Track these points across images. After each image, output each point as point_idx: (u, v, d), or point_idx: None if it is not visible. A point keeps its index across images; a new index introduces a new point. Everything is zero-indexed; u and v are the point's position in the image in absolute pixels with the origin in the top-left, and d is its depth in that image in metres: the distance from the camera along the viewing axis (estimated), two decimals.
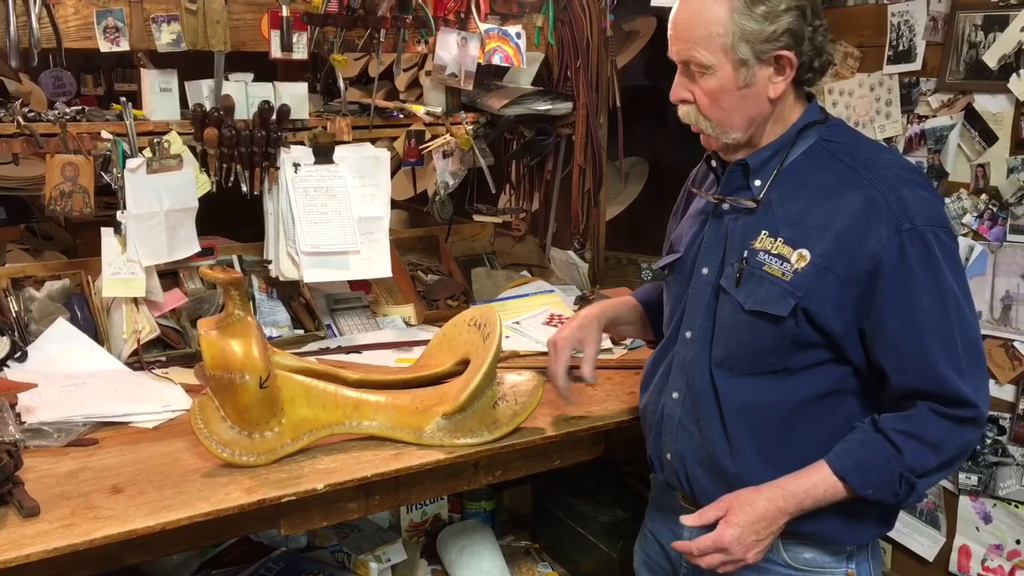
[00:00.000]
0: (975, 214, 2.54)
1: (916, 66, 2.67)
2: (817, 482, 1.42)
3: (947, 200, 2.58)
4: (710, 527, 1.46)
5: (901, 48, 2.70)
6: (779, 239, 1.44)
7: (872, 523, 1.50)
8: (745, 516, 1.43)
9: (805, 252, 1.40)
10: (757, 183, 1.48)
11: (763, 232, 1.46)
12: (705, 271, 1.54)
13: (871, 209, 1.37)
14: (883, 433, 1.40)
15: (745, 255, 1.47)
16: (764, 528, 1.43)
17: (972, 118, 2.53)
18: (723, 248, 1.52)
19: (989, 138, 2.51)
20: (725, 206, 1.52)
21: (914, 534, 2.81)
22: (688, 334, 1.56)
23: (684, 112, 1.49)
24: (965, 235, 2.56)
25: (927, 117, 2.65)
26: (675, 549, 1.54)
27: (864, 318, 1.40)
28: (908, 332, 1.37)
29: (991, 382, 2.55)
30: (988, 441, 2.57)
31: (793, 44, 1.39)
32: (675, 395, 1.57)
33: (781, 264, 1.42)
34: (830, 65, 1.50)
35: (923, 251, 1.35)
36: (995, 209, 2.50)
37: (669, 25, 1.46)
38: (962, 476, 2.62)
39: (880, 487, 1.40)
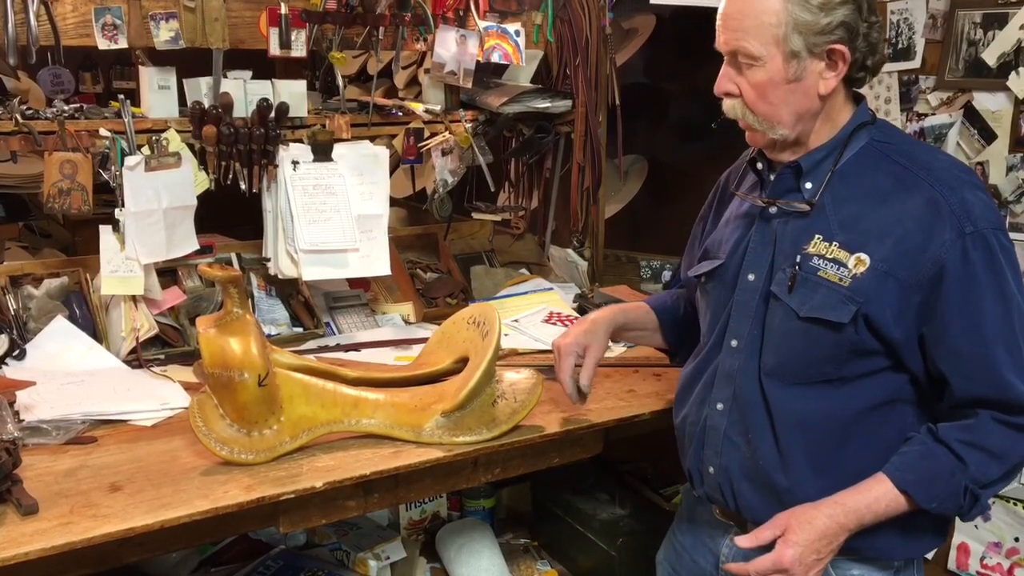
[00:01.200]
0: None
1: (915, 64, 2.67)
2: (879, 496, 1.37)
3: None
4: (765, 548, 1.40)
5: (900, 46, 2.70)
6: (834, 243, 1.40)
7: (927, 536, 1.47)
8: (805, 535, 1.37)
9: (864, 256, 1.37)
10: (809, 185, 1.44)
11: (817, 236, 1.41)
12: (751, 277, 1.49)
13: (933, 212, 1.34)
14: (945, 444, 1.36)
15: (798, 260, 1.42)
16: (825, 547, 1.38)
17: (971, 116, 2.53)
18: (772, 253, 1.47)
19: (988, 136, 2.51)
20: (773, 209, 1.47)
21: None
22: (734, 343, 1.50)
23: (729, 106, 1.45)
24: None
25: (926, 115, 2.65)
26: (728, 571, 1.49)
27: (925, 324, 1.36)
28: (972, 337, 1.34)
29: None
30: None
31: (848, 39, 1.36)
32: (719, 406, 1.52)
33: (838, 269, 1.38)
34: (882, 65, 1.45)
35: (986, 255, 1.33)
36: None
37: (718, 16, 1.42)
38: None
39: (944, 500, 1.36)
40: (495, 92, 2.52)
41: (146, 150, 2.02)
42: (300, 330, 2.27)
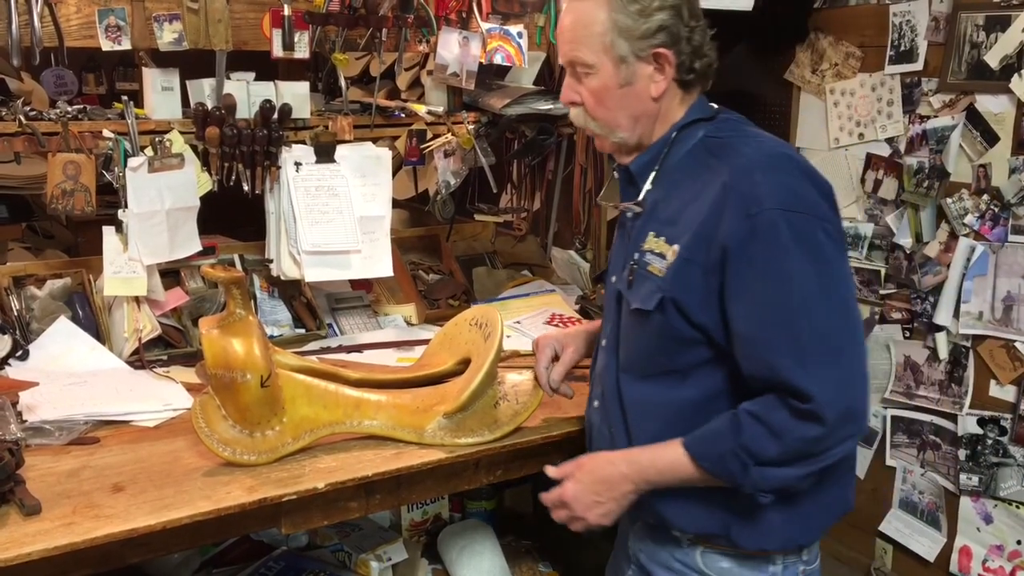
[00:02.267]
0: (976, 215, 2.54)
1: (918, 66, 2.67)
2: (664, 453, 1.42)
3: (948, 200, 2.58)
4: None
5: (903, 48, 2.69)
6: (661, 238, 1.45)
7: (788, 528, 1.45)
8: (589, 476, 1.48)
9: (676, 247, 1.41)
10: (647, 186, 1.51)
11: (651, 233, 1.47)
12: (614, 279, 1.57)
13: (723, 196, 1.37)
14: (735, 412, 1.38)
15: (635, 257, 1.49)
16: (605, 491, 1.46)
17: (974, 118, 2.53)
18: (625, 254, 1.54)
19: (991, 138, 2.51)
20: (629, 213, 1.55)
21: (915, 535, 2.81)
22: (603, 342, 1.60)
23: (574, 115, 1.53)
24: (966, 235, 2.56)
25: (929, 117, 2.65)
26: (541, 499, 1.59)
27: (724, 307, 1.39)
28: (748, 319, 1.35)
29: (992, 382, 2.55)
30: (989, 442, 2.57)
31: (670, 42, 1.43)
32: (596, 403, 1.62)
33: (660, 261, 1.43)
34: (712, 68, 1.49)
35: (771, 236, 1.32)
36: (996, 210, 2.50)
37: (556, 32, 1.52)
38: (963, 477, 2.62)
39: (716, 461, 1.37)
40: (497, 94, 2.53)
41: (149, 151, 2.02)
42: (302, 331, 2.28)
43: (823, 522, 1.48)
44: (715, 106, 1.53)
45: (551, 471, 1.55)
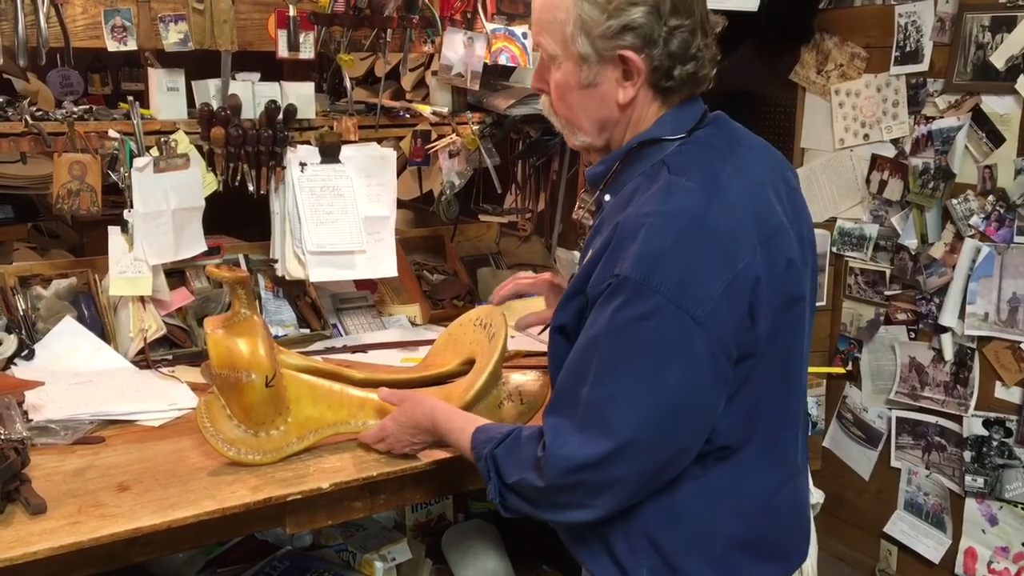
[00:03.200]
0: (982, 215, 2.53)
1: (923, 67, 2.66)
2: (464, 428, 1.44)
3: (954, 201, 2.58)
4: None
5: (908, 49, 2.69)
6: (588, 254, 1.32)
7: None
8: (404, 417, 1.56)
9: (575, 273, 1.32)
10: (603, 197, 1.35)
11: (590, 247, 1.32)
12: None
13: (610, 240, 1.21)
14: (524, 427, 1.34)
15: (574, 271, 1.41)
16: (416, 434, 1.55)
17: (979, 119, 2.53)
18: None
19: (996, 139, 2.50)
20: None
21: (920, 536, 2.81)
22: None
23: (543, 103, 1.37)
24: (972, 236, 2.56)
25: (934, 118, 2.65)
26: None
27: None
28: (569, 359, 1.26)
29: (997, 384, 2.55)
30: (995, 443, 2.56)
31: (640, 46, 1.21)
32: None
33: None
34: (700, 75, 1.27)
35: (611, 300, 1.17)
36: (1002, 211, 2.50)
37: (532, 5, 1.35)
38: (968, 478, 2.61)
39: (477, 457, 1.38)
40: (502, 94, 2.53)
41: (155, 151, 2.02)
42: (307, 331, 2.28)
43: None
44: (708, 115, 1.32)
45: (382, 393, 1.63)
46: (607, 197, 1.33)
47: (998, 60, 2.46)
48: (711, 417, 1.21)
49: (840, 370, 2.99)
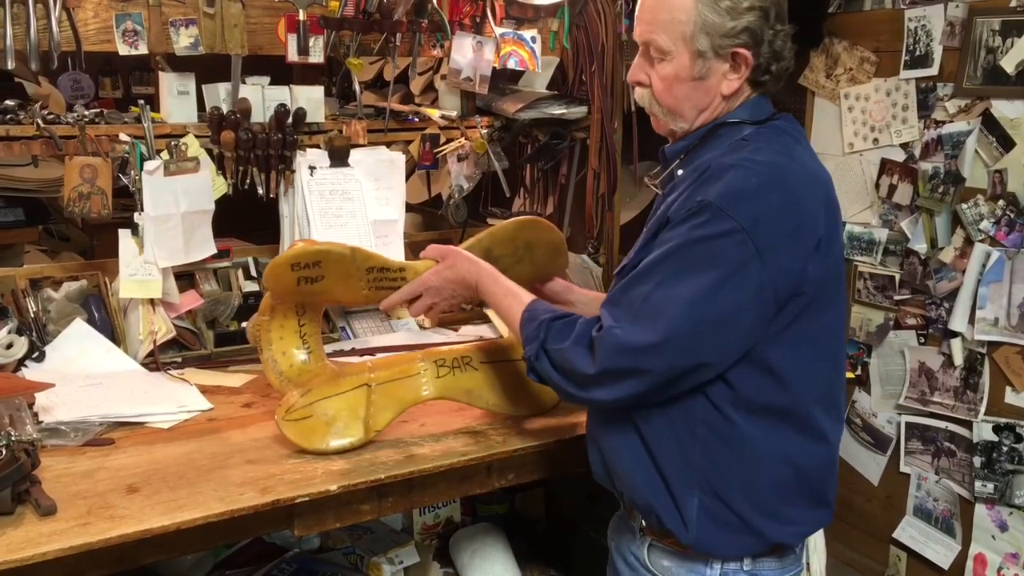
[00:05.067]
0: (992, 220, 2.52)
1: (933, 71, 2.66)
2: (514, 291, 1.57)
3: (964, 206, 2.57)
4: None
5: (918, 53, 2.68)
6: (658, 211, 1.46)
7: (711, 538, 1.42)
8: (449, 273, 1.66)
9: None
10: (676, 171, 1.50)
11: (660, 207, 1.47)
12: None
13: (695, 180, 1.38)
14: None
15: (646, 239, 1.49)
16: (459, 289, 1.65)
17: (989, 123, 2.52)
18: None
19: (1006, 144, 2.49)
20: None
21: (929, 542, 2.80)
22: None
23: (639, 94, 1.51)
24: (982, 241, 2.55)
25: (944, 122, 2.64)
26: (383, 308, 1.74)
27: None
28: (636, 265, 1.40)
29: (1007, 389, 2.54)
30: (1005, 449, 2.55)
31: (752, 44, 1.39)
32: None
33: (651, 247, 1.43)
34: (787, 72, 1.46)
35: (690, 218, 1.33)
36: (1012, 215, 2.49)
37: (637, 6, 1.47)
38: (978, 484, 2.60)
39: (534, 319, 1.49)
40: (511, 98, 2.53)
41: (165, 155, 2.03)
42: None
43: (744, 543, 1.43)
44: (777, 113, 1.49)
45: (427, 251, 1.72)
46: (679, 172, 1.48)
47: (1008, 64, 2.45)
48: (738, 342, 1.35)
49: (849, 375, 2.98)
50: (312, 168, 2.20)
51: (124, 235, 2.04)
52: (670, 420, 1.41)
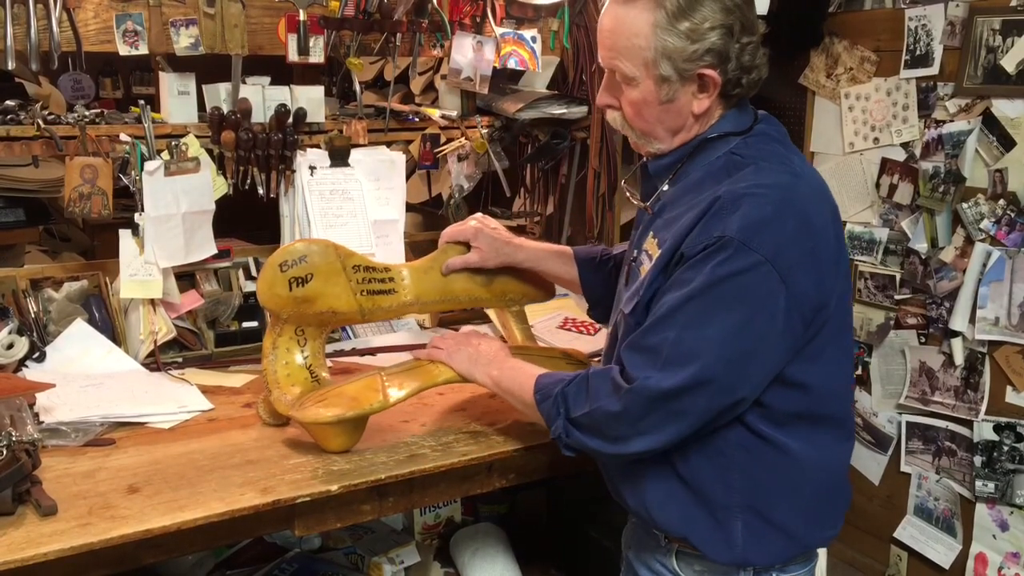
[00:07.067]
0: (993, 219, 2.52)
1: (933, 71, 2.66)
2: (525, 372, 1.56)
3: (964, 205, 2.57)
4: None
5: (918, 52, 2.68)
6: (655, 240, 1.43)
7: (749, 549, 1.41)
8: (471, 338, 1.71)
9: (660, 251, 1.40)
10: (660, 187, 1.49)
11: (651, 234, 1.46)
12: (626, 270, 1.57)
13: (708, 210, 1.33)
14: (590, 369, 1.47)
15: (635, 255, 1.49)
16: (473, 356, 1.66)
17: (990, 123, 2.52)
18: (631, 250, 1.55)
19: (1007, 143, 2.49)
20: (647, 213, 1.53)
21: (930, 541, 2.80)
22: (609, 328, 1.60)
23: (611, 117, 1.49)
24: (983, 240, 2.55)
25: (944, 122, 2.64)
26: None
27: None
28: (654, 311, 1.37)
29: (1008, 388, 2.54)
30: (1005, 448, 2.55)
31: (718, 63, 1.36)
32: None
33: (648, 263, 1.42)
34: (761, 79, 1.43)
35: (712, 256, 1.30)
36: (1013, 215, 2.49)
37: (597, 30, 1.44)
38: (979, 484, 2.60)
39: (543, 399, 1.47)
40: (511, 98, 2.53)
41: (165, 155, 2.03)
42: None
43: (787, 552, 1.44)
44: (758, 113, 1.47)
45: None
46: (665, 187, 1.47)
47: (1009, 64, 2.45)
48: (772, 370, 1.34)
49: None
50: (312, 168, 2.20)
51: (125, 235, 2.04)
52: (706, 454, 1.39)
